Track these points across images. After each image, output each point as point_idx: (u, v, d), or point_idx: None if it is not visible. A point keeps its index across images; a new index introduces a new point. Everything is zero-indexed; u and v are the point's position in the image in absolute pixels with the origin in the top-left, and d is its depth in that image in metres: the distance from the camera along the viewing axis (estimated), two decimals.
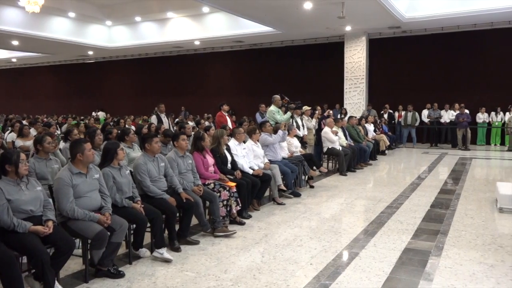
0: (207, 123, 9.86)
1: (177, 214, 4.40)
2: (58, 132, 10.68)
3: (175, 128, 9.44)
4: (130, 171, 4.37)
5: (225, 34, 16.10)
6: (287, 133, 7.10)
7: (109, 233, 3.57)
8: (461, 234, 4.71)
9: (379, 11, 11.72)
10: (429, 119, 14.42)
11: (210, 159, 5.26)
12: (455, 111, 13.71)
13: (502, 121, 13.78)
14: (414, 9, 12.94)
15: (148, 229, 4.09)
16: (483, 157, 11.82)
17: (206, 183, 5.05)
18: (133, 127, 9.53)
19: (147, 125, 8.84)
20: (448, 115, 14.08)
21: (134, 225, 3.98)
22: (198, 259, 4.08)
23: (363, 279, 3.56)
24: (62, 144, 6.17)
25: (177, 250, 4.22)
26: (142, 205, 4.03)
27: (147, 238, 4.16)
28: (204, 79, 19.88)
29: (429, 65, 15.03)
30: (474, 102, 13.99)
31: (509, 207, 5.56)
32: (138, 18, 17.40)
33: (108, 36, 18.61)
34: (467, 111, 13.43)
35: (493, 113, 13.96)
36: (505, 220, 5.28)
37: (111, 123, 11.02)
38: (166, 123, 9.41)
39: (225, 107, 9.37)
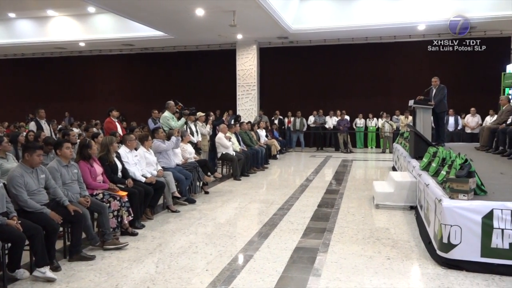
0: (95, 130, 9.29)
1: (60, 229, 4.05)
2: None
3: (58, 135, 8.72)
4: (4, 184, 3.91)
5: (113, 37, 15.36)
6: (180, 139, 7.02)
7: None
8: (344, 231, 5.11)
9: (268, 21, 12.25)
10: (314, 125, 15.44)
11: (98, 168, 4.96)
12: (337, 117, 14.91)
13: (376, 126, 15.32)
14: (299, 21, 13.79)
15: (27, 247, 3.69)
16: (362, 159, 13.01)
17: (94, 193, 4.75)
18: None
19: (24, 133, 8.01)
20: (331, 121, 15.23)
21: (9, 244, 3.56)
22: (86, 275, 3.80)
23: (257, 280, 3.66)
24: None
25: (57, 269, 3.87)
26: (19, 221, 3.63)
27: (26, 257, 3.77)
28: (91, 83, 18.68)
29: (315, 74, 16.11)
30: (353, 109, 15.35)
31: (383, 203, 6.18)
32: (12, 15, 15.68)
33: None
34: (347, 117, 14.77)
35: (368, 119, 15.46)
36: (380, 215, 5.87)
37: None
38: (47, 130, 8.64)
39: (115, 113, 8.92)
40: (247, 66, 15.85)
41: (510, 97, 9.57)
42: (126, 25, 14.50)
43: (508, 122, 7.69)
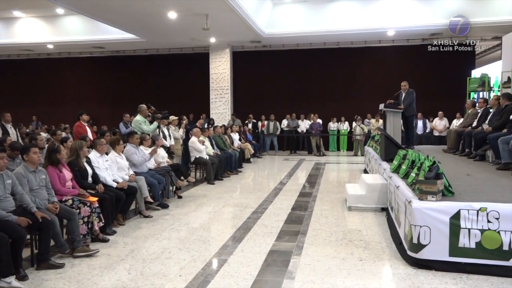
0: (64, 134, 9.06)
1: (28, 237, 3.92)
2: None
3: (25, 140, 8.45)
4: None
5: (83, 39, 15.05)
6: (151, 158, 6.85)
7: None
8: (317, 233, 5.16)
9: (241, 25, 12.27)
10: (288, 128, 15.55)
11: (68, 173, 4.83)
12: (310, 121, 15.06)
13: (348, 129, 15.55)
14: (272, 25, 13.90)
15: None
16: (335, 162, 13.19)
17: (63, 199, 4.62)
18: None
19: None
20: (304, 125, 15.37)
21: None
22: (55, 284, 3.69)
23: (231, 284, 3.64)
24: None
25: (24, 278, 3.74)
26: None
27: None
28: (60, 86, 18.22)
29: (288, 78, 16.25)
30: (326, 113, 15.54)
31: (356, 205, 6.28)
32: None
33: None
34: (319, 120, 14.94)
35: (340, 123, 15.67)
36: (353, 217, 5.95)
37: None
38: (13, 134, 8.36)
39: (85, 117, 8.76)
40: (221, 69, 15.83)
41: (475, 101, 9.91)
42: (96, 27, 14.23)
43: (474, 125, 7.96)
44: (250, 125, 15.18)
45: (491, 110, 7.61)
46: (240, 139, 12.39)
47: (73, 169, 5.02)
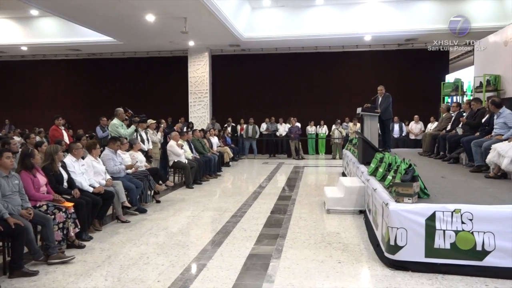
0: (38, 138, 8.86)
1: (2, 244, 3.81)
2: None
3: None
4: None
5: (58, 41, 14.73)
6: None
7: None
8: (297, 236, 5.18)
9: (220, 29, 12.26)
10: (267, 132, 15.59)
11: (42, 178, 4.72)
12: (289, 125, 15.13)
13: (326, 133, 15.70)
14: (251, 29, 13.94)
15: None
16: (313, 165, 13.28)
17: (38, 205, 4.51)
18: None
19: None
20: (283, 128, 15.44)
21: None
22: None
23: None
24: None
25: None
26: None
27: None
28: (34, 89, 17.79)
29: (267, 82, 16.30)
30: (305, 116, 15.65)
31: (334, 208, 6.33)
32: None
33: None
34: (298, 124, 15.02)
35: (318, 126, 15.80)
36: (331, 219, 6.00)
37: None
38: None
39: (60, 121, 8.58)
40: (199, 73, 15.76)
41: (449, 105, 10.16)
42: (72, 29, 13.98)
43: (448, 128, 8.15)
44: (229, 129, 15.15)
45: (464, 114, 7.81)
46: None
47: (48, 174, 4.90)
